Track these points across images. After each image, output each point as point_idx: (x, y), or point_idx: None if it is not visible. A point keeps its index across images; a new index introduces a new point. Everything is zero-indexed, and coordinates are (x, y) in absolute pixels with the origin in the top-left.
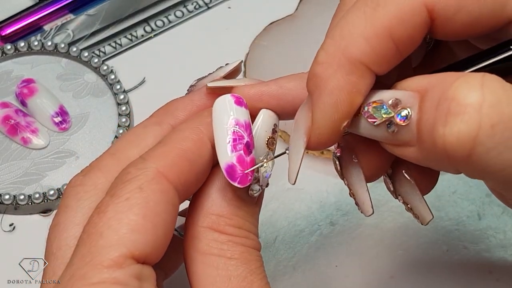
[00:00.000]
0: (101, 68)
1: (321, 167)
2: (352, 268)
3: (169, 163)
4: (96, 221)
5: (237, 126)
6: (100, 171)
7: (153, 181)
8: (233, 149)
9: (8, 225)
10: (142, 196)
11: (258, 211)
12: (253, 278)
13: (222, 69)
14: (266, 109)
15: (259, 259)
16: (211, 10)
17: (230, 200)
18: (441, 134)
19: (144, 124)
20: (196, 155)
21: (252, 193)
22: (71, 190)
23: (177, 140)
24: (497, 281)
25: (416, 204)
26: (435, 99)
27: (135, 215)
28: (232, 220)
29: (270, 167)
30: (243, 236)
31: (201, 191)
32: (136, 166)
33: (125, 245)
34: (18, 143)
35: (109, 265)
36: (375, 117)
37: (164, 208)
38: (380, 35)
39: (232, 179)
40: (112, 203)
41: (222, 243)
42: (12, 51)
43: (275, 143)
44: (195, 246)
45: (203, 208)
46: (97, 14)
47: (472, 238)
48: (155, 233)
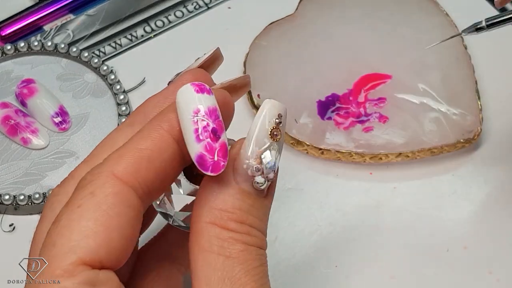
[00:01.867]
0: (101, 68)
1: (321, 167)
2: (352, 268)
3: (124, 164)
4: (51, 231)
5: (199, 115)
6: (73, 179)
7: (106, 185)
8: (199, 139)
9: (8, 225)
10: (94, 202)
11: (268, 205)
12: (247, 280)
13: (198, 60)
14: (270, 99)
15: (259, 258)
16: (211, 10)
17: (234, 194)
18: None
19: (119, 127)
20: (156, 153)
21: (258, 186)
22: (48, 200)
23: (135, 140)
24: (497, 281)
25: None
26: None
27: (86, 221)
28: (234, 214)
29: (273, 158)
30: (244, 232)
31: (205, 186)
32: (92, 171)
33: (75, 252)
34: (18, 144)
35: (60, 274)
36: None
37: (119, 211)
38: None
39: (204, 169)
40: (66, 211)
41: (223, 240)
42: (12, 51)
43: (279, 133)
44: (198, 242)
45: (206, 202)
46: (97, 14)
47: (472, 238)
48: (109, 237)
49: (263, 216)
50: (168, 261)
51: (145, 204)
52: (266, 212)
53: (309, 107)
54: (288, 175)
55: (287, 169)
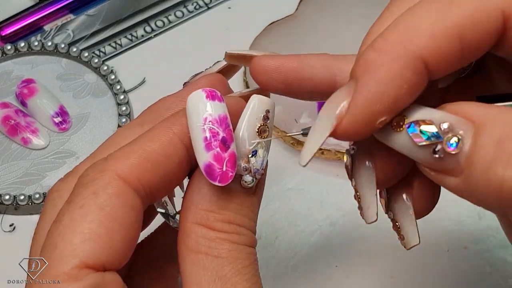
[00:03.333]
0: (101, 68)
1: (321, 167)
2: (352, 268)
3: (129, 165)
4: (53, 231)
5: (210, 123)
6: (77, 175)
7: (109, 185)
8: (208, 148)
9: (8, 225)
10: (96, 202)
11: (257, 202)
12: (238, 279)
13: (218, 64)
14: (258, 95)
15: (249, 257)
16: (211, 10)
17: (220, 194)
18: (500, 174)
19: (128, 125)
20: (163, 156)
21: (246, 184)
22: (49, 196)
23: (143, 141)
24: (497, 281)
25: (406, 224)
26: (495, 135)
27: (89, 223)
28: (221, 215)
29: (261, 156)
30: (232, 232)
31: (192, 186)
32: (95, 168)
33: (78, 255)
34: (18, 144)
35: (64, 279)
36: (422, 138)
37: (122, 212)
38: (448, 34)
39: (211, 178)
40: (68, 211)
41: (210, 240)
42: (12, 51)
43: (267, 130)
44: (185, 242)
45: (193, 203)
46: (97, 14)
47: (472, 238)
48: (111, 239)
49: (251, 214)
50: (164, 260)
51: (146, 205)
52: (254, 209)
53: (309, 107)
54: (288, 175)
55: (287, 169)
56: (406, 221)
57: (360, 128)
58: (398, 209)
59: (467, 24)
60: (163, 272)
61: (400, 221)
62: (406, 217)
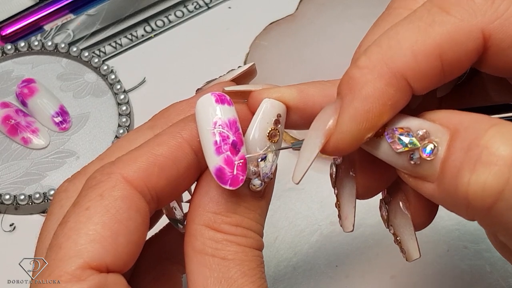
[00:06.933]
0: (101, 68)
1: (321, 167)
2: (352, 268)
3: (135, 168)
4: (58, 232)
5: (220, 127)
6: (85, 176)
7: (115, 188)
8: (218, 151)
9: (8, 225)
10: (102, 205)
11: (265, 205)
12: (243, 282)
13: (231, 72)
14: (269, 98)
15: (256, 259)
16: (211, 10)
17: (229, 197)
18: (466, 180)
19: (138, 128)
20: (170, 161)
21: (254, 188)
22: (56, 196)
23: (151, 145)
24: (497, 281)
25: (406, 238)
26: (466, 142)
27: (94, 225)
28: (229, 217)
29: (271, 161)
30: (239, 235)
31: (199, 189)
32: (103, 171)
33: (83, 256)
34: (18, 143)
35: (68, 279)
36: (400, 145)
37: (128, 215)
38: (429, 53)
39: (222, 182)
40: (73, 212)
41: (217, 242)
42: (12, 51)
43: (278, 135)
44: (192, 244)
45: (200, 205)
46: (97, 14)
47: (472, 238)
48: (116, 241)
49: (259, 217)
50: (168, 261)
51: (153, 209)
52: (262, 212)
53: None
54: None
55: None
56: (406, 235)
57: (348, 145)
58: (398, 225)
59: (447, 43)
60: (167, 273)
61: (401, 236)
62: (406, 232)
